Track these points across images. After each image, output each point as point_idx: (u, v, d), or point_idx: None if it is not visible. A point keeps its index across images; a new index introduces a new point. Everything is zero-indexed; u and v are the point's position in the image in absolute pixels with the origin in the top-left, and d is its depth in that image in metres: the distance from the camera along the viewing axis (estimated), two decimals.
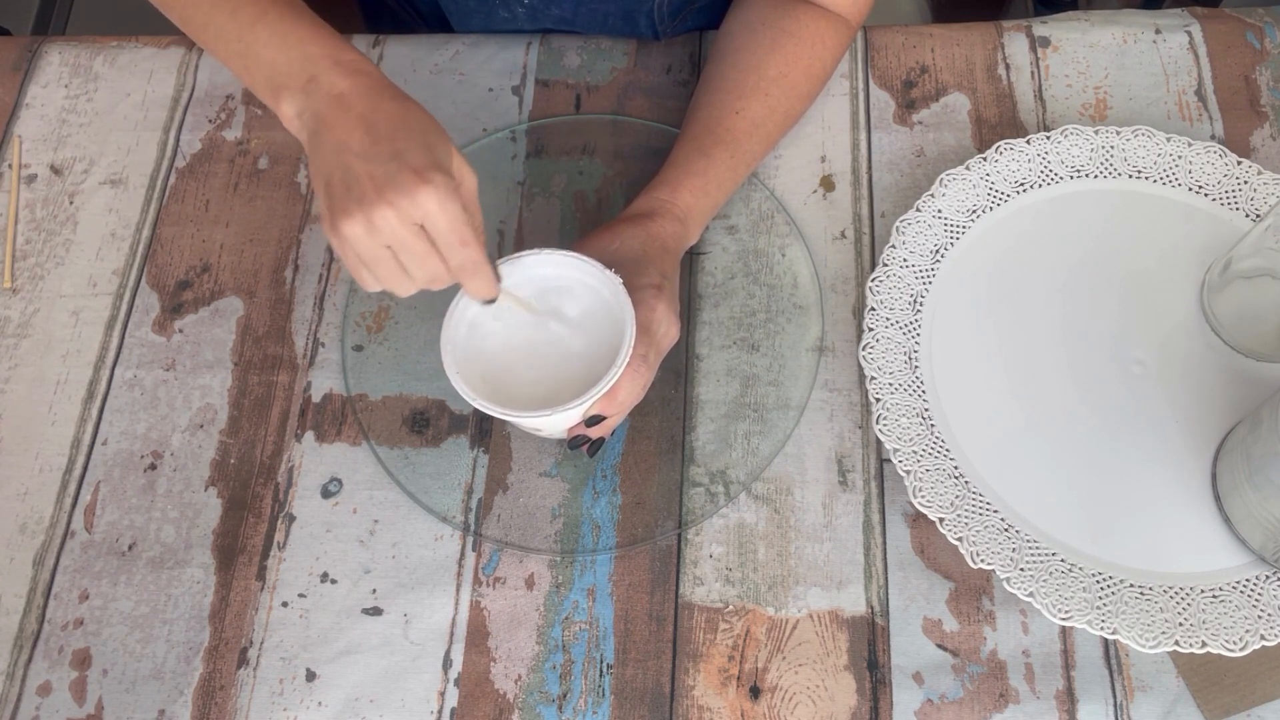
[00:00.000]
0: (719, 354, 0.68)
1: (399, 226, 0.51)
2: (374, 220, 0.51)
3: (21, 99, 0.80)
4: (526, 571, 0.63)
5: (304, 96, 0.55)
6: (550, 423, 0.59)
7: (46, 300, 0.72)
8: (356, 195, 0.51)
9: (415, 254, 0.53)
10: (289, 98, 0.56)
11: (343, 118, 0.54)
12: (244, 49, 0.58)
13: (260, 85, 0.58)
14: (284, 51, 0.56)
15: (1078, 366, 0.66)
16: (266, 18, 0.57)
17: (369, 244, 0.52)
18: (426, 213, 0.51)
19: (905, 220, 0.70)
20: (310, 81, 0.55)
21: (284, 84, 0.56)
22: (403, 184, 0.51)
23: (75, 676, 0.62)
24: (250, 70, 0.58)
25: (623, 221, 0.65)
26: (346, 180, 0.52)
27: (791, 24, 0.70)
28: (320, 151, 0.54)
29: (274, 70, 0.56)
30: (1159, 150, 0.72)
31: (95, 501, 0.66)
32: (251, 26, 0.57)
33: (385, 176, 0.51)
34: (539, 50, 0.80)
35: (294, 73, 0.56)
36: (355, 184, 0.52)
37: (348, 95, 0.54)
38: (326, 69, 0.55)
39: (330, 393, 0.69)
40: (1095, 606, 0.58)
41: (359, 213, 0.51)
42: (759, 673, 0.60)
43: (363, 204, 0.51)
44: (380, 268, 0.53)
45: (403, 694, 0.60)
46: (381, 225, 0.51)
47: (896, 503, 0.64)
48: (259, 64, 0.57)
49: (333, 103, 0.54)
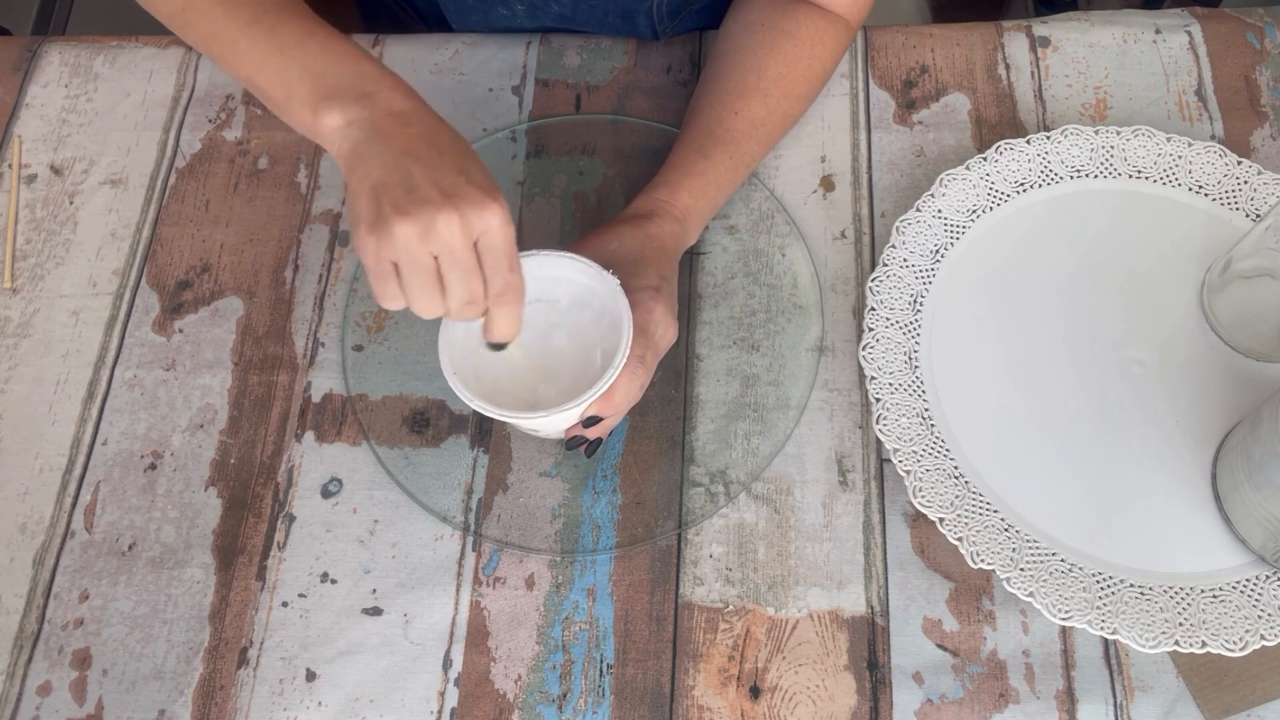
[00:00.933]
0: (719, 354, 0.69)
1: (459, 235, 0.51)
2: (437, 224, 0.50)
3: (21, 99, 0.80)
4: (526, 571, 0.63)
5: (358, 108, 0.55)
6: (547, 423, 0.59)
7: (46, 300, 0.72)
8: (419, 198, 0.51)
9: (463, 269, 0.52)
10: (338, 108, 0.55)
11: (405, 131, 0.54)
12: (285, 62, 0.57)
13: (299, 95, 0.57)
14: (337, 65, 0.57)
15: (1078, 366, 0.66)
16: (315, 35, 0.58)
17: (419, 249, 0.51)
18: (488, 228, 0.51)
19: (905, 220, 0.70)
20: (366, 96, 0.55)
21: (334, 94, 0.56)
22: (472, 196, 0.51)
23: (75, 676, 0.62)
24: (289, 81, 0.57)
25: (621, 222, 0.65)
26: (406, 184, 0.51)
27: (791, 24, 0.70)
28: (374, 157, 0.53)
29: (324, 82, 0.56)
30: (1159, 150, 0.72)
31: (95, 501, 0.66)
32: (299, 41, 0.57)
33: (453, 187, 0.51)
34: (539, 50, 0.80)
35: (349, 85, 0.56)
36: (417, 189, 0.51)
37: (409, 113, 0.55)
38: (385, 88, 0.56)
39: (330, 393, 0.69)
40: (1095, 606, 0.58)
41: (420, 214, 0.50)
42: (759, 673, 0.60)
43: (425, 207, 0.50)
44: (418, 278, 0.52)
45: (403, 694, 0.61)
46: (443, 230, 0.50)
47: (896, 503, 0.64)
48: (305, 74, 0.57)
49: (393, 118, 0.54)
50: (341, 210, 0.74)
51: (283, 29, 0.58)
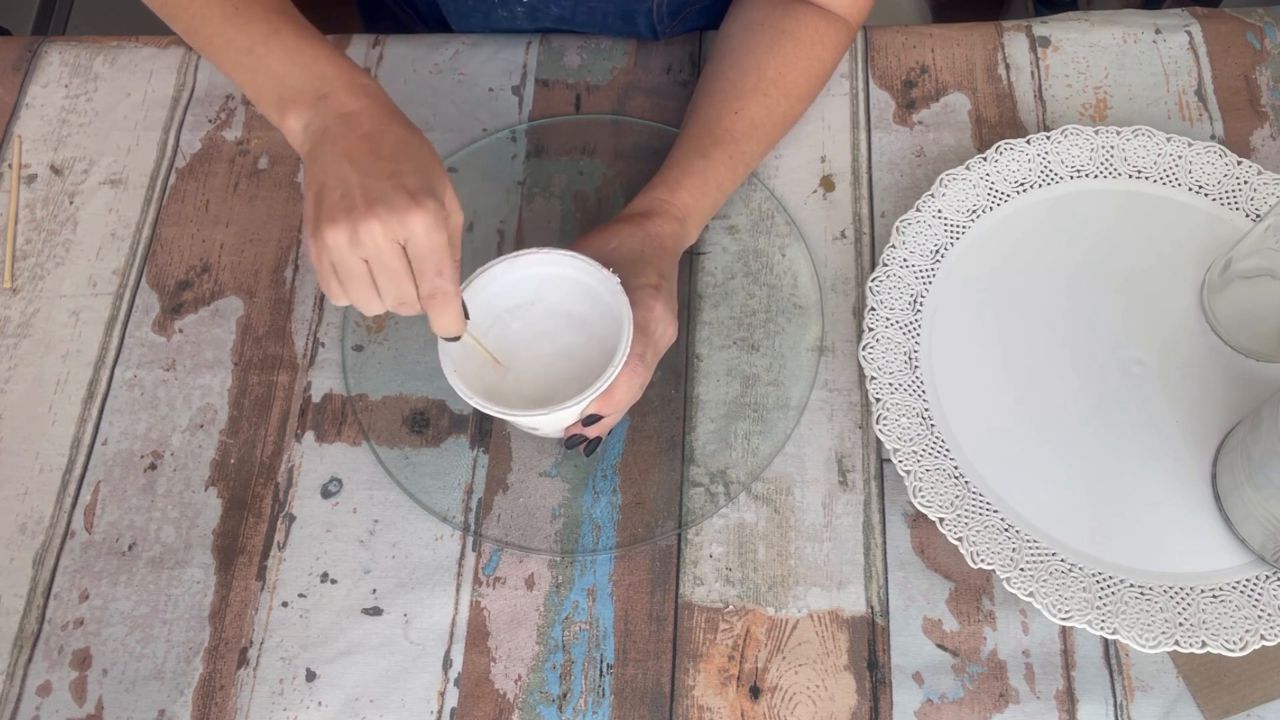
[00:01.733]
0: (719, 354, 0.68)
1: (382, 242, 0.52)
2: (359, 231, 0.51)
3: (21, 99, 0.80)
4: (526, 571, 0.63)
5: (312, 112, 0.56)
6: (547, 422, 0.59)
7: (46, 300, 0.72)
8: (346, 205, 0.52)
9: (390, 273, 0.53)
10: (297, 112, 0.56)
11: (348, 133, 0.54)
12: (254, 61, 0.58)
13: (267, 98, 0.58)
14: (298, 68, 0.57)
15: (1078, 366, 0.66)
16: (280, 34, 0.58)
17: (348, 254, 0.52)
18: (411, 234, 0.52)
19: (905, 220, 0.70)
20: (322, 99, 0.56)
21: (294, 99, 0.57)
22: (394, 202, 0.51)
23: (75, 676, 0.62)
24: (258, 83, 0.58)
25: (621, 221, 0.65)
26: (340, 189, 0.53)
27: (791, 24, 0.70)
28: (319, 161, 0.54)
29: (285, 85, 0.57)
30: (1159, 150, 0.72)
31: (95, 501, 0.66)
32: (264, 41, 0.58)
33: (379, 192, 0.52)
34: (539, 50, 0.80)
35: (306, 89, 0.56)
36: (347, 194, 0.52)
37: (358, 114, 0.55)
38: (340, 88, 0.56)
39: (330, 393, 0.69)
40: (1095, 606, 0.58)
41: (345, 221, 0.52)
42: (759, 673, 0.60)
43: (351, 214, 0.52)
44: (352, 281, 0.54)
45: (403, 694, 0.61)
46: (365, 238, 0.52)
47: (896, 503, 0.64)
48: (270, 77, 0.58)
49: (341, 120, 0.55)
50: None
51: (252, 27, 0.58)
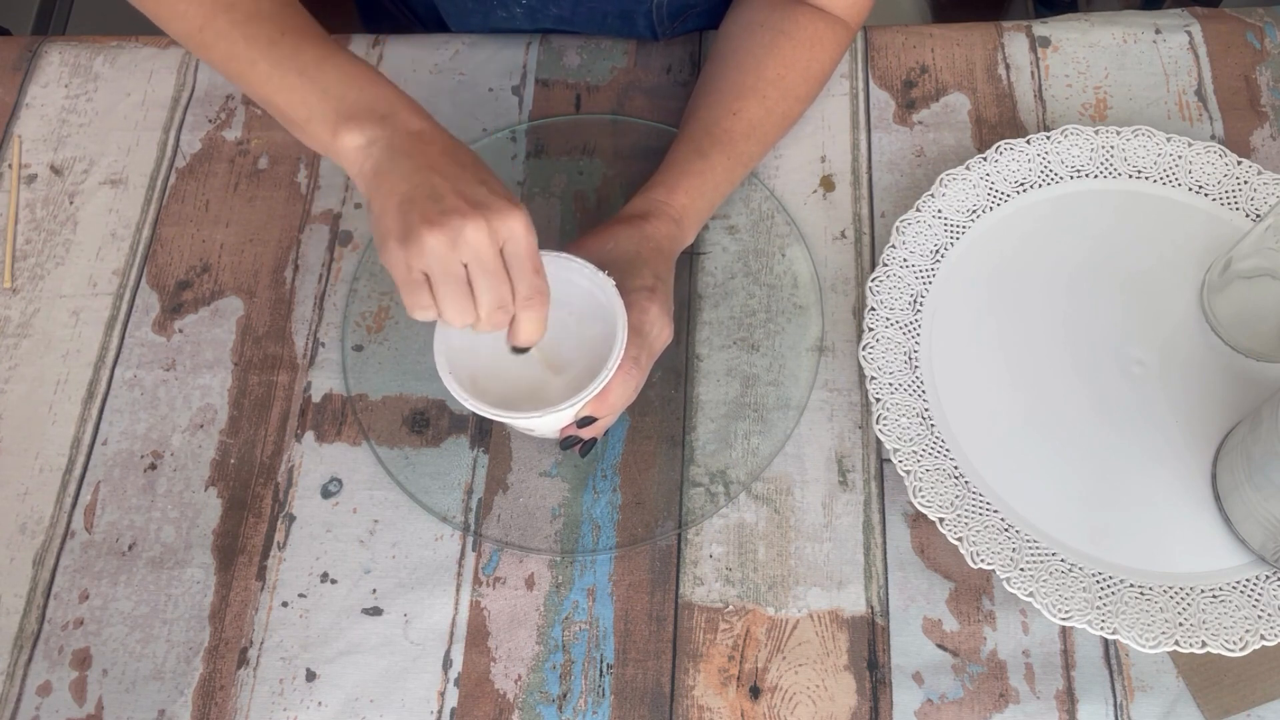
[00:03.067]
0: (719, 354, 0.69)
1: (487, 242, 0.52)
2: (465, 232, 0.52)
3: (21, 99, 0.80)
4: (526, 571, 0.63)
5: (377, 129, 0.56)
6: (542, 423, 0.59)
7: (46, 300, 0.72)
8: (447, 208, 0.52)
9: (492, 275, 0.53)
10: (359, 128, 0.56)
11: (425, 148, 0.55)
12: (305, 83, 0.58)
13: (319, 116, 0.58)
14: (355, 89, 0.58)
15: (1078, 366, 0.66)
16: (333, 59, 0.59)
17: (449, 258, 0.52)
18: (513, 235, 0.53)
19: (905, 220, 0.70)
20: (386, 118, 0.57)
21: (354, 116, 0.57)
22: (496, 205, 0.52)
23: (75, 676, 0.62)
24: (309, 102, 0.58)
25: (618, 222, 0.65)
26: (433, 196, 0.53)
27: (790, 25, 0.70)
28: (397, 173, 0.55)
29: (344, 104, 0.57)
30: (1159, 150, 0.72)
31: (95, 501, 0.66)
32: (317, 64, 0.58)
33: (478, 197, 0.53)
34: (539, 50, 0.80)
35: (369, 107, 0.57)
36: (443, 199, 0.52)
37: (425, 133, 0.56)
38: (402, 108, 0.57)
39: (330, 393, 0.69)
40: (1095, 606, 0.58)
41: (448, 224, 0.52)
42: (759, 673, 0.60)
43: (453, 216, 0.52)
44: (450, 286, 0.53)
45: (403, 694, 0.61)
46: (471, 237, 0.52)
47: (896, 503, 0.64)
48: (325, 97, 0.58)
49: (411, 137, 0.56)
50: (342, 211, 0.74)
51: (302, 53, 0.59)
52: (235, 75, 0.61)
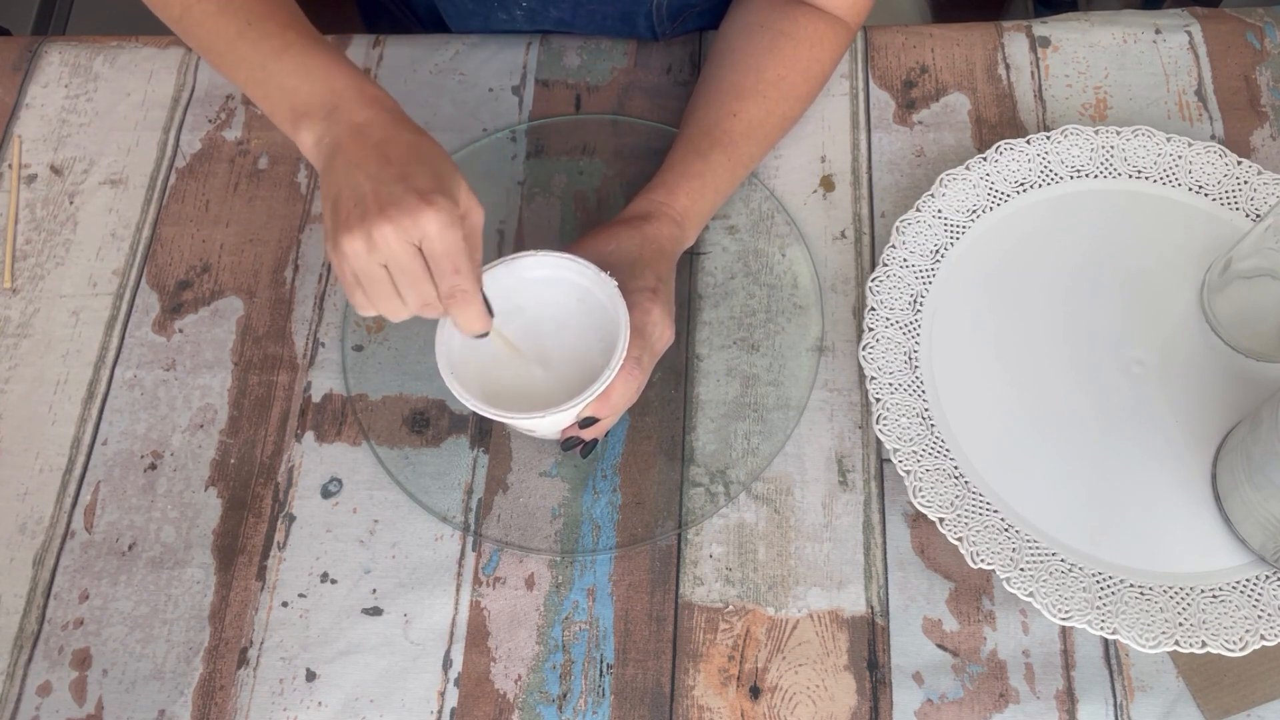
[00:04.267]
0: (719, 354, 0.69)
1: (397, 244, 0.52)
2: (374, 236, 0.52)
3: (21, 99, 0.80)
4: (526, 571, 0.63)
5: (324, 125, 0.56)
6: (544, 424, 0.59)
7: (46, 300, 0.72)
8: (360, 212, 0.52)
9: (410, 275, 0.53)
10: (309, 126, 0.57)
11: (359, 144, 0.55)
12: (266, 77, 0.58)
13: (281, 113, 0.58)
14: (308, 82, 0.57)
15: (1078, 366, 0.66)
16: (291, 50, 0.58)
17: (366, 261, 0.53)
18: (425, 234, 0.52)
19: (905, 220, 0.70)
20: (332, 111, 0.56)
21: (306, 113, 0.57)
22: (406, 204, 0.52)
23: (75, 676, 0.62)
24: (271, 98, 0.59)
25: (619, 224, 0.65)
26: (354, 198, 0.53)
27: (790, 26, 0.70)
28: (333, 173, 0.55)
29: (297, 100, 0.57)
30: (1159, 150, 0.72)
31: (95, 501, 0.66)
32: (277, 57, 0.58)
33: (390, 196, 0.52)
34: (539, 50, 0.80)
35: (317, 103, 0.57)
36: (360, 201, 0.52)
37: (368, 125, 0.56)
38: (350, 100, 0.56)
39: (330, 393, 0.69)
40: (1095, 606, 0.58)
41: (360, 228, 0.52)
42: (759, 673, 0.60)
43: (365, 220, 0.52)
44: (375, 287, 0.54)
45: (403, 694, 0.61)
46: (380, 242, 0.52)
47: (896, 503, 0.64)
48: (282, 93, 0.58)
49: (352, 131, 0.55)
50: None
51: (263, 44, 0.59)
52: (215, 66, 0.62)
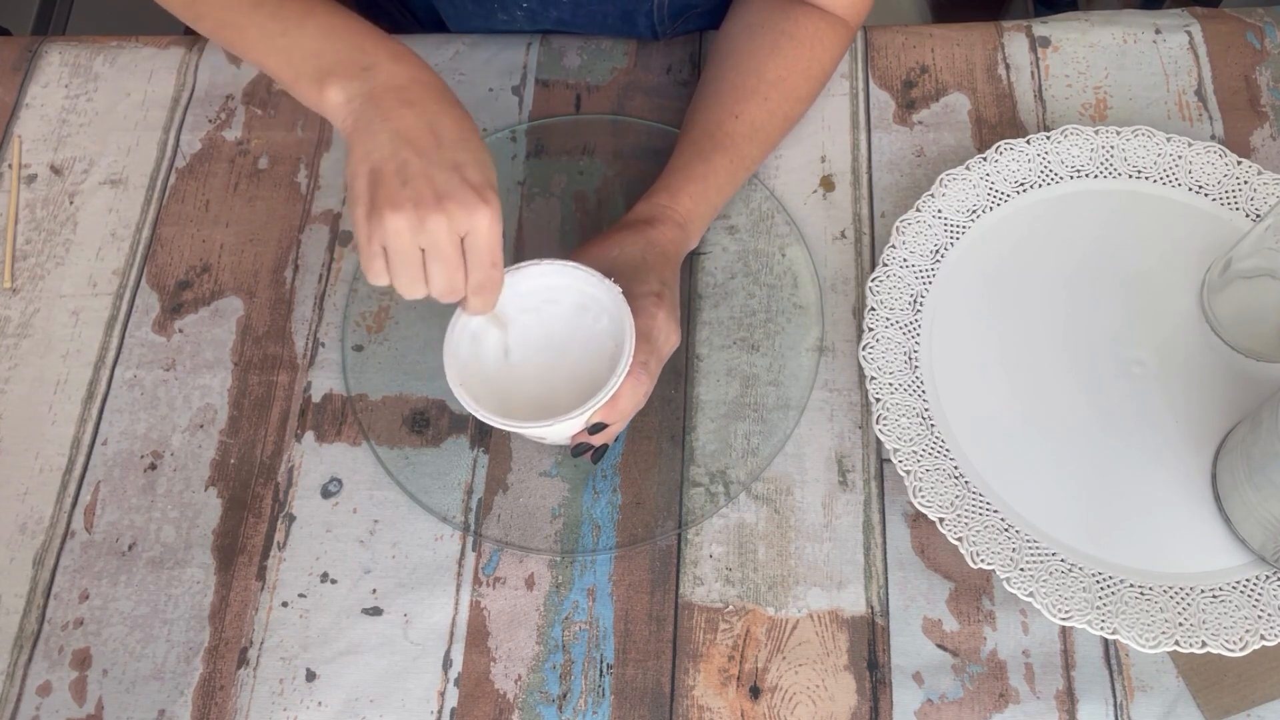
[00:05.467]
0: (719, 354, 0.69)
1: (446, 234, 0.52)
2: (426, 221, 0.52)
3: (21, 99, 0.80)
4: (526, 571, 0.63)
5: (357, 83, 0.55)
6: (553, 432, 0.59)
7: (46, 300, 0.72)
8: (412, 192, 0.52)
9: (447, 264, 0.53)
10: (339, 84, 0.56)
11: (404, 111, 0.54)
12: (289, 44, 0.58)
13: (306, 77, 0.57)
14: (335, 42, 0.57)
15: (1078, 366, 0.66)
16: (315, 15, 0.58)
17: (407, 240, 0.52)
18: (475, 228, 0.53)
19: (905, 220, 0.70)
20: (366, 70, 0.56)
21: (334, 71, 0.56)
22: (463, 198, 0.52)
23: (75, 676, 0.62)
24: (294, 64, 0.58)
25: (622, 228, 0.65)
26: (402, 174, 0.52)
27: (790, 26, 0.70)
28: (372, 137, 0.54)
29: (323, 59, 0.57)
30: (1159, 150, 0.72)
31: (95, 501, 0.66)
32: (299, 23, 0.58)
33: (446, 185, 0.52)
34: (539, 50, 0.80)
35: (347, 61, 0.56)
36: (411, 180, 0.52)
37: (410, 90, 0.55)
38: (384, 59, 0.56)
39: (330, 393, 0.69)
40: (1095, 606, 0.58)
41: (411, 210, 0.52)
42: (759, 673, 0.60)
43: (418, 203, 0.52)
44: (404, 266, 0.54)
45: (403, 694, 0.61)
46: (432, 228, 0.52)
47: (896, 503, 0.64)
48: (306, 54, 0.57)
49: (393, 93, 0.55)
50: (342, 211, 0.74)
51: (285, 10, 0.58)
52: (229, 42, 0.61)
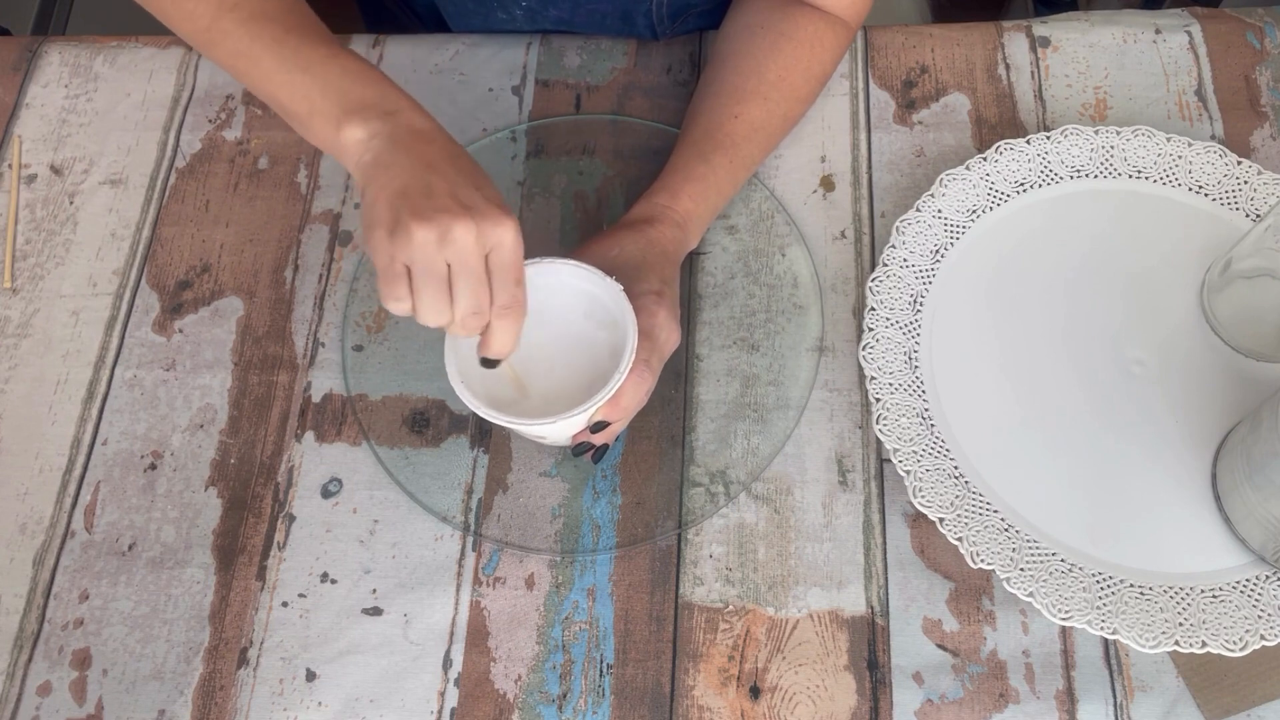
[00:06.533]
0: (719, 354, 0.69)
1: (472, 245, 0.52)
2: (454, 231, 0.52)
3: (21, 99, 0.80)
4: (526, 571, 0.63)
5: (380, 123, 0.57)
6: (555, 430, 0.59)
7: (46, 300, 0.72)
8: (439, 206, 0.52)
9: (473, 278, 0.53)
10: (361, 122, 0.57)
11: (426, 147, 0.56)
12: (310, 80, 0.59)
13: (322, 111, 0.58)
14: (361, 85, 0.58)
15: (1078, 366, 0.66)
16: (339, 58, 0.59)
17: (434, 254, 0.52)
18: (500, 242, 0.53)
19: (905, 220, 0.70)
20: (390, 114, 0.57)
21: (360, 109, 0.57)
22: (488, 211, 0.53)
23: (75, 676, 0.62)
24: (313, 97, 0.59)
25: (623, 228, 0.65)
26: (427, 193, 0.53)
27: (790, 26, 0.70)
28: (395, 167, 0.55)
29: (349, 97, 0.58)
30: (1159, 150, 0.72)
31: (95, 501, 0.66)
32: (323, 62, 0.59)
33: (471, 200, 0.53)
34: (539, 50, 0.80)
35: (374, 103, 0.57)
36: (437, 196, 0.53)
37: (430, 134, 0.57)
38: (408, 108, 0.58)
39: (330, 393, 0.69)
40: (1095, 606, 0.58)
41: (438, 220, 0.52)
42: (759, 673, 0.60)
43: (445, 214, 0.52)
44: (429, 283, 0.53)
45: (403, 694, 0.61)
46: (459, 238, 0.52)
47: (896, 503, 0.64)
48: (331, 91, 0.58)
49: (414, 134, 0.56)
50: (341, 210, 0.74)
51: (307, 50, 0.59)
52: (240, 72, 0.62)
